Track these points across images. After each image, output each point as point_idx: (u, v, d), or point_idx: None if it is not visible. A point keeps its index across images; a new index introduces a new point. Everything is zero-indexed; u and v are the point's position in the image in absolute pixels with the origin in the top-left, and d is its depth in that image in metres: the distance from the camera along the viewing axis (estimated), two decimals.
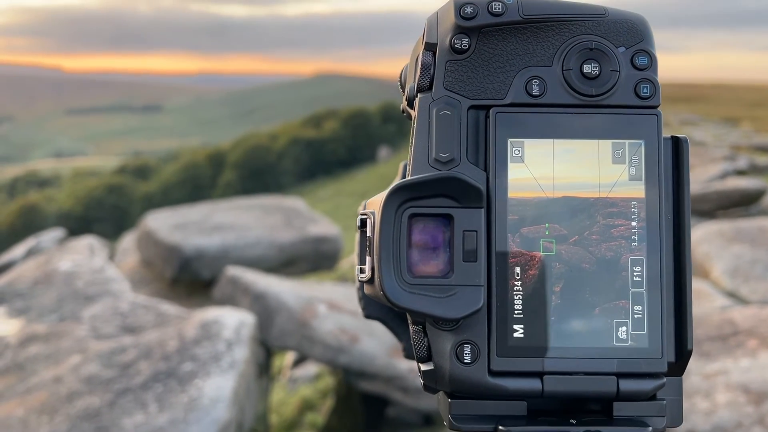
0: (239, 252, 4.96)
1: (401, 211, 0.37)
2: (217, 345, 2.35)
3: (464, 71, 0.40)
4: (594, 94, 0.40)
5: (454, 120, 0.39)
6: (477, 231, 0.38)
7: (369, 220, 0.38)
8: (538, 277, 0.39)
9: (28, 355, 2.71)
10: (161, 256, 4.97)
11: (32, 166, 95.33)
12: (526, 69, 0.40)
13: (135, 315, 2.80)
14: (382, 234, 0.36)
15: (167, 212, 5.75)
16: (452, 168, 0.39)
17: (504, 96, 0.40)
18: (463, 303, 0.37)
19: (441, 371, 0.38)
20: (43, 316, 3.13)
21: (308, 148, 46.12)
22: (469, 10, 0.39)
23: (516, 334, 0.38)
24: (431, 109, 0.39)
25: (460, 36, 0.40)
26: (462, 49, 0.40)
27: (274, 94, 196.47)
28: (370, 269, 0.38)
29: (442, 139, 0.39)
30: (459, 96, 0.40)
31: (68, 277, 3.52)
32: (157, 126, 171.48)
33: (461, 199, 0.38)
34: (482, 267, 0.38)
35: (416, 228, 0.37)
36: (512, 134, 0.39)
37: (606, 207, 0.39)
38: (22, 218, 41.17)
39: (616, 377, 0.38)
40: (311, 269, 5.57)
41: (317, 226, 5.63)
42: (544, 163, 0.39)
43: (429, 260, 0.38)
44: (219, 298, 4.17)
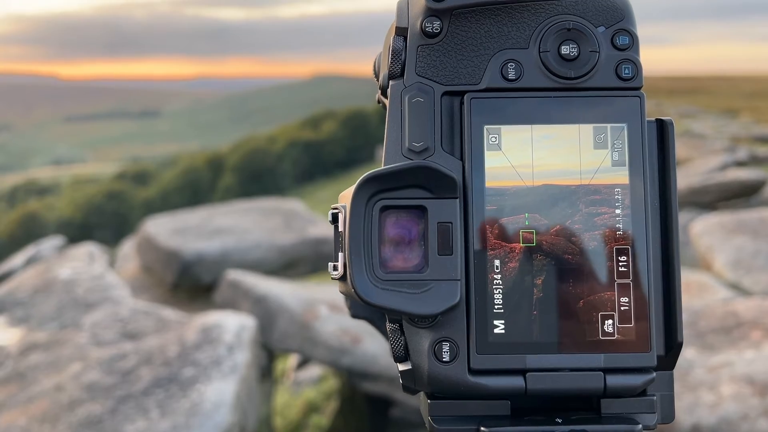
0: (239, 255, 4.95)
1: (372, 203, 0.36)
2: (218, 349, 2.34)
3: (436, 56, 0.38)
4: (573, 77, 0.38)
5: (428, 107, 0.37)
6: (452, 223, 0.36)
7: (340, 215, 0.36)
8: (518, 269, 0.37)
9: (29, 363, 2.70)
10: (161, 261, 4.96)
11: (31, 174, 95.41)
12: (502, 52, 0.38)
13: (135, 321, 2.79)
14: (352, 228, 0.35)
15: (166, 217, 5.74)
16: (426, 158, 0.37)
17: (479, 81, 0.38)
18: (439, 298, 0.35)
19: (419, 371, 0.37)
20: (44, 324, 3.12)
21: (307, 150, 46.15)
22: None
23: (497, 330, 0.37)
24: (403, 97, 0.38)
25: (431, 19, 0.38)
26: (433, 33, 0.38)
27: (271, 97, 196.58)
28: (342, 266, 0.36)
29: (416, 128, 0.37)
30: (432, 82, 0.38)
31: (68, 285, 3.51)
32: (156, 131, 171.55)
33: (435, 190, 0.36)
34: (459, 260, 0.36)
35: (388, 221, 0.36)
36: (488, 121, 0.38)
37: (588, 194, 0.37)
38: (22, 227, 41.22)
39: (603, 373, 0.36)
40: (312, 271, 5.56)
41: (317, 228, 5.62)
42: (522, 150, 0.38)
43: (402, 254, 0.36)
44: (220, 303, 4.16)
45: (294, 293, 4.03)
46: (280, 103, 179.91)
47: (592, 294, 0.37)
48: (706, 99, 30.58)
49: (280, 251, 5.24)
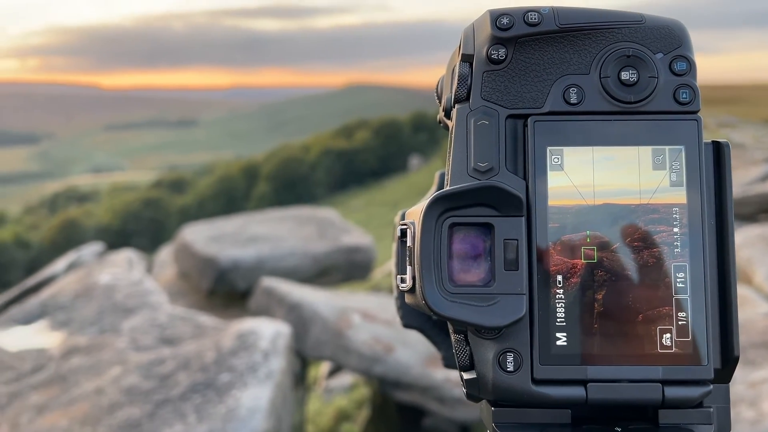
0: (274, 263, 5.01)
1: (441, 220, 0.37)
2: (253, 355, 2.37)
3: (501, 81, 0.40)
4: (632, 101, 0.40)
5: (492, 129, 0.39)
6: (518, 240, 0.38)
7: (409, 230, 0.38)
8: (580, 284, 0.38)
9: (70, 366, 2.77)
10: (198, 268, 5.04)
11: (71, 181, 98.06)
12: (564, 77, 0.40)
13: (173, 327, 2.85)
14: (423, 244, 0.37)
15: (203, 225, 5.83)
16: (491, 177, 0.39)
17: (542, 105, 0.40)
18: (506, 311, 0.37)
19: (484, 380, 0.38)
20: (84, 328, 3.19)
21: (340, 159, 46.42)
22: (506, 21, 0.40)
23: (559, 342, 0.38)
24: (469, 120, 0.40)
25: (496, 47, 0.40)
26: (499, 60, 0.40)
27: (305, 106, 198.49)
28: (411, 279, 0.38)
29: (481, 149, 0.39)
30: (497, 106, 0.40)
31: (108, 290, 3.59)
32: (192, 140, 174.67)
33: (501, 208, 0.38)
34: (524, 275, 0.38)
35: (457, 237, 0.37)
36: (551, 142, 0.39)
37: (647, 213, 0.39)
38: (62, 233, 42.33)
39: (661, 384, 0.38)
40: (345, 279, 5.59)
41: (350, 237, 5.65)
42: (583, 171, 0.39)
43: (470, 269, 0.38)
44: (254, 309, 4.21)
45: (327, 301, 4.06)
46: (314, 112, 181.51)
47: (650, 308, 0.38)
48: (746, 108, 29.86)
49: (313, 259, 5.28)
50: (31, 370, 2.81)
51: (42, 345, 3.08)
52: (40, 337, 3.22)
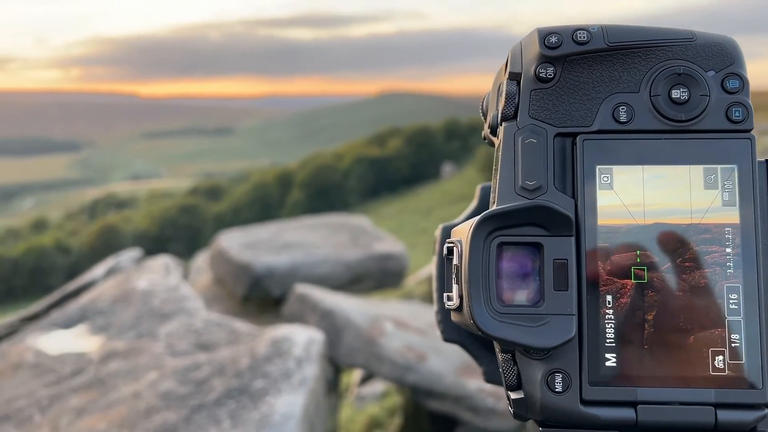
0: (307, 270, 5.03)
1: (490, 240, 0.37)
2: (287, 362, 2.38)
3: (549, 99, 0.40)
4: (684, 120, 0.39)
5: (540, 148, 0.39)
6: (567, 260, 0.37)
7: (456, 249, 0.38)
8: (630, 305, 0.38)
9: (109, 370, 2.82)
10: (233, 274, 5.10)
11: (111, 188, 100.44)
12: (613, 96, 0.40)
13: (208, 332, 2.88)
14: (471, 263, 0.36)
15: (238, 231, 5.90)
16: (539, 196, 0.39)
17: (591, 123, 0.40)
18: (555, 332, 0.37)
19: (532, 399, 0.38)
20: (122, 333, 3.25)
21: (372, 167, 46.57)
22: (554, 40, 0.40)
23: (608, 363, 0.37)
24: (516, 138, 0.39)
25: (545, 65, 0.40)
26: (547, 78, 0.40)
27: (339, 114, 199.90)
28: (458, 297, 0.38)
29: (529, 167, 0.39)
30: (545, 124, 0.40)
31: (145, 296, 3.65)
32: (228, 148, 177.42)
33: (551, 228, 0.37)
34: (573, 296, 0.37)
35: (505, 257, 0.37)
36: (601, 161, 0.39)
37: (699, 233, 0.38)
38: (101, 238, 43.38)
39: (714, 408, 0.37)
40: (377, 287, 5.58)
41: (383, 244, 5.65)
42: (633, 190, 0.39)
43: (519, 289, 0.37)
44: (288, 316, 4.23)
45: (360, 309, 4.06)
46: (347, 120, 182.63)
47: (702, 330, 0.37)
48: None
49: (346, 266, 5.30)
50: (71, 373, 2.87)
51: (82, 349, 3.14)
52: (80, 341, 3.29)
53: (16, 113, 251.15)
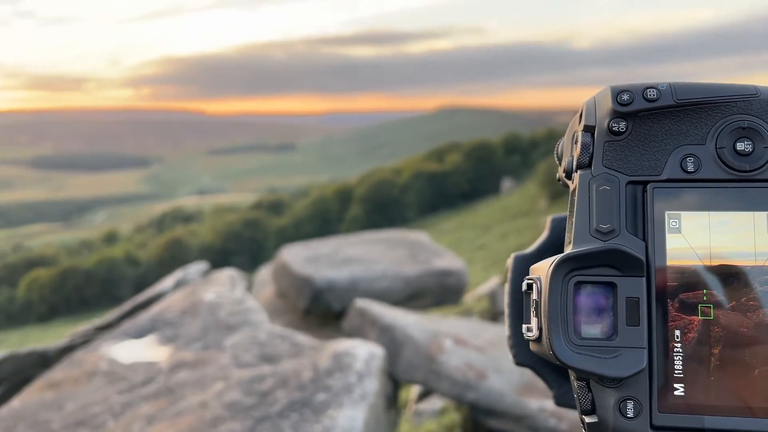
0: (367, 284, 5.07)
1: (568, 279, 0.40)
2: (349, 376, 2.41)
3: (622, 150, 0.43)
4: (747, 170, 0.42)
5: (613, 194, 0.42)
6: (639, 297, 0.40)
7: (535, 285, 0.42)
8: (697, 339, 0.40)
9: (177, 380, 2.92)
10: (295, 287, 5.20)
11: (178, 202, 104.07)
12: (681, 147, 0.43)
13: (272, 345, 2.94)
14: (551, 300, 0.40)
15: (300, 246, 6.01)
16: (612, 238, 0.41)
17: (660, 172, 0.43)
18: (628, 363, 0.40)
19: (605, 424, 0.41)
20: (190, 344, 3.35)
21: (431, 182, 46.50)
22: (626, 97, 0.43)
23: (677, 392, 0.40)
24: (591, 185, 0.43)
25: (617, 120, 0.43)
26: (620, 132, 0.43)
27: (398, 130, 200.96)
28: (537, 329, 0.41)
29: (603, 212, 0.42)
30: (617, 173, 0.43)
31: (212, 308, 3.76)
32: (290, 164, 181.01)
33: (624, 269, 0.40)
34: (644, 331, 0.40)
35: (582, 294, 0.41)
36: (669, 207, 0.42)
37: (763, 275, 0.40)
38: (168, 251, 44.92)
39: None
40: (436, 303, 5.57)
41: (442, 260, 5.64)
42: (700, 234, 0.41)
43: (594, 324, 0.41)
44: (348, 330, 4.28)
45: (419, 324, 4.06)
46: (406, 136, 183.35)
47: (766, 364, 0.40)
48: None
49: (405, 282, 5.31)
50: (142, 382, 2.98)
51: (152, 358, 3.26)
52: (151, 350, 3.42)
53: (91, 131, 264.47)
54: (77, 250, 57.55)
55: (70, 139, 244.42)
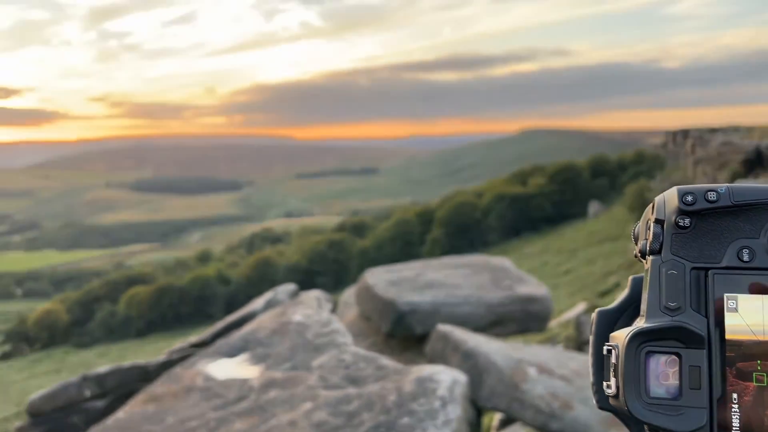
0: (449, 309, 5.09)
1: (640, 348, 0.49)
2: (433, 402, 2.45)
3: (686, 242, 0.52)
4: None
5: (680, 278, 0.51)
6: (700, 366, 0.49)
7: (614, 351, 0.50)
8: (752, 402, 0.48)
9: (267, 398, 3.05)
10: (378, 310, 5.28)
11: (267, 224, 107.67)
12: (738, 240, 0.51)
13: (357, 367, 3.02)
14: (626, 366, 0.49)
15: (384, 269, 6.10)
16: (678, 314, 0.50)
17: (720, 261, 0.51)
18: (691, 421, 0.48)
19: None
20: (280, 363, 3.49)
21: (514, 205, 45.67)
22: (690, 198, 0.52)
23: None
24: (661, 269, 0.51)
25: (682, 216, 0.52)
26: (684, 226, 0.52)
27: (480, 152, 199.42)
28: (615, 387, 0.50)
29: (670, 292, 0.50)
30: (683, 260, 0.51)
31: (300, 329, 3.90)
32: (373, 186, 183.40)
33: (688, 343, 0.49)
34: (705, 394, 0.48)
35: (652, 361, 0.49)
36: (728, 290, 0.50)
37: None
38: (257, 270, 46.42)
39: None
40: (519, 330, 5.49)
41: (526, 286, 5.57)
42: (755, 314, 0.49)
43: (662, 386, 0.49)
44: (430, 354, 4.31)
45: (502, 351, 4.03)
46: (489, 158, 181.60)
47: None
48: None
49: (488, 308, 5.28)
50: (235, 399, 3.14)
51: (244, 376, 3.42)
52: (243, 369, 3.58)
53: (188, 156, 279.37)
54: (173, 268, 60.52)
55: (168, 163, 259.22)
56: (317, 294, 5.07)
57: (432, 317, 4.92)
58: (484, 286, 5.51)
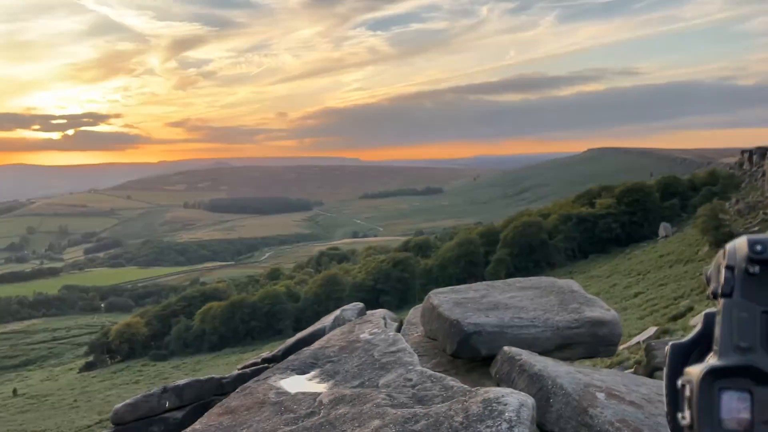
0: (515, 331, 5.04)
1: (714, 385, 0.54)
2: (500, 424, 2.47)
3: (756, 287, 0.57)
4: None
5: (751, 320, 0.56)
6: None
7: (689, 386, 0.56)
8: None
9: (337, 414, 3.13)
10: (443, 330, 5.29)
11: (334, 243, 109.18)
12: None
13: (424, 386, 3.07)
14: (700, 400, 0.54)
15: (449, 290, 6.12)
16: (750, 354, 0.55)
17: None
18: None
19: None
20: (348, 380, 3.56)
21: (580, 225, 44.54)
22: (759, 248, 0.57)
23: None
24: (732, 311, 0.56)
25: (752, 264, 0.57)
26: (754, 274, 0.57)
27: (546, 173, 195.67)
28: (690, 419, 0.55)
29: (742, 333, 0.55)
30: (753, 304, 0.56)
31: (367, 347, 3.98)
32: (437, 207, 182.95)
33: (759, 381, 0.53)
34: None
35: (725, 397, 0.54)
36: None
37: None
38: (324, 287, 47.06)
39: None
40: (587, 354, 5.38)
41: (594, 310, 5.46)
42: None
43: (735, 419, 0.54)
44: (496, 376, 4.29)
45: (570, 375, 3.98)
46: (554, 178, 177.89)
47: None
48: None
49: (555, 330, 5.20)
50: (305, 414, 3.24)
51: (314, 392, 3.52)
52: (313, 385, 3.69)
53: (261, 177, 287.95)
54: (245, 285, 62.15)
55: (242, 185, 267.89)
56: (383, 313, 5.15)
57: (497, 339, 4.88)
58: (551, 309, 5.44)
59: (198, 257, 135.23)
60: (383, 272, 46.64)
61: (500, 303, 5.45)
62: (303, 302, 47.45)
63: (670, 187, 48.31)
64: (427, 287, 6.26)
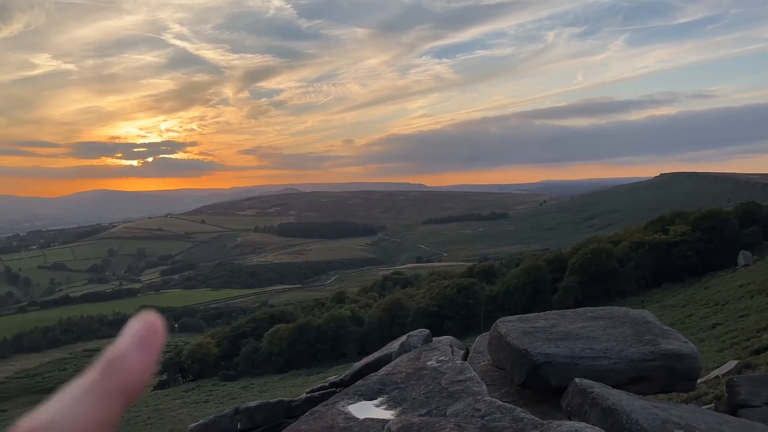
0: (587, 363, 4.92)
1: None
2: None
3: None
4: None
5: None
6: None
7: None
8: None
9: None
10: (511, 360, 5.22)
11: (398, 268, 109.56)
12: None
13: (493, 417, 3.05)
14: None
15: (516, 318, 6.04)
16: None
17: None
18: None
19: None
20: (416, 408, 3.58)
21: (653, 253, 42.90)
22: None
23: None
24: None
25: None
26: None
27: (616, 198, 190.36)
28: None
29: None
30: None
31: (434, 374, 3.98)
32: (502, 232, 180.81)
33: None
34: None
35: None
36: None
37: None
38: (388, 312, 47.12)
39: None
40: (663, 388, 5.18)
41: (671, 342, 5.26)
42: None
43: None
44: (567, 408, 4.19)
45: (645, 410, 3.85)
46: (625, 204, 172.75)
47: None
48: None
49: (629, 363, 5.04)
50: None
51: (382, 419, 3.55)
52: (381, 411, 3.72)
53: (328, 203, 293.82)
54: (311, 308, 63.06)
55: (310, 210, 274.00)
56: (450, 340, 5.14)
57: (568, 370, 4.78)
58: (625, 340, 5.27)
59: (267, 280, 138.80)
60: (447, 298, 46.28)
61: (571, 333, 5.34)
62: (367, 326, 47.66)
63: (749, 213, 46.01)
64: (492, 314, 6.17)
